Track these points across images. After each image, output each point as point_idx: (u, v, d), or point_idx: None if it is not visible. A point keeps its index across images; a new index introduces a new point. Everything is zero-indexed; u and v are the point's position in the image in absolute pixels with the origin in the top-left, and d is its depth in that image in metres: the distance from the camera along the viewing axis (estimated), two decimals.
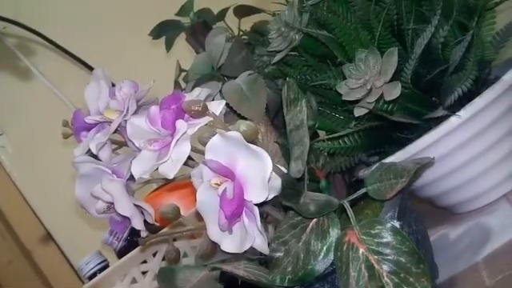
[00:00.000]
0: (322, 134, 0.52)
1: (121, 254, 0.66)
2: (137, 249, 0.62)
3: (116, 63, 0.96)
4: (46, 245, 1.03)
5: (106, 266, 0.69)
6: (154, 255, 0.62)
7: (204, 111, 0.36)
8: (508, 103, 0.41)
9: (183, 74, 0.64)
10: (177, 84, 0.63)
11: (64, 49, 0.98)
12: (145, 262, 0.62)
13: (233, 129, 0.35)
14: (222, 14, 0.64)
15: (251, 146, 0.34)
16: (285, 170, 0.38)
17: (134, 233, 0.69)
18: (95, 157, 0.45)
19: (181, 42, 0.69)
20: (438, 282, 0.37)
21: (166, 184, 0.74)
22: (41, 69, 1.00)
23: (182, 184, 0.71)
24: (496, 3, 0.44)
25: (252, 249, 0.37)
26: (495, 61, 0.46)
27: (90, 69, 0.98)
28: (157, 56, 0.84)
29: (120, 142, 0.48)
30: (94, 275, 0.68)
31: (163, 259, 0.63)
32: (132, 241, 0.67)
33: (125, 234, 0.66)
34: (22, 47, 0.98)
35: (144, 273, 0.62)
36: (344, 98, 0.40)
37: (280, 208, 0.41)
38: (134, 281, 0.61)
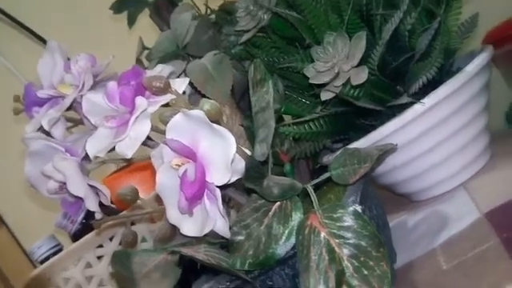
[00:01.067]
0: (287, 118, 0.51)
1: (76, 237, 0.63)
2: (92, 232, 0.59)
3: (74, 39, 0.92)
4: None
5: (60, 251, 0.67)
6: (111, 239, 0.60)
7: (166, 88, 0.34)
8: (469, 94, 0.42)
9: (146, 52, 0.62)
10: (139, 62, 0.61)
11: (18, 21, 0.93)
12: (101, 246, 0.60)
13: (196, 108, 0.33)
14: None
15: (215, 125, 0.33)
16: (249, 153, 0.37)
17: (90, 216, 0.67)
18: (48, 134, 0.43)
19: (144, 18, 0.66)
20: (396, 267, 0.38)
21: (126, 166, 0.71)
22: None
23: (142, 166, 0.69)
24: None
25: (213, 233, 0.36)
26: (458, 52, 0.47)
27: (46, 43, 0.94)
28: (118, 32, 0.81)
29: (75, 120, 0.45)
30: (46, 259, 0.66)
31: (120, 243, 0.61)
32: (87, 224, 0.64)
33: (80, 217, 0.64)
34: None
35: (99, 257, 0.60)
36: (311, 81, 0.40)
37: (243, 192, 0.40)
38: (88, 265, 0.59)
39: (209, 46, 0.53)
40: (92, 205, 0.37)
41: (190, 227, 0.35)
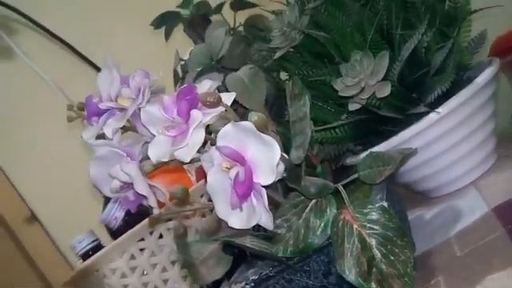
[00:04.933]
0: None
1: (117, 233, 0.69)
2: (135, 227, 0.65)
3: (104, 48, 0.98)
4: (30, 225, 1.04)
5: (99, 245, 0.73)
6: (151, 234, 0.66)
7: (218, 102, 0.40)
8: (479, 102, 0.47)
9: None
10: (175, 73, 0.67)
11: (47, 29, 0.99)
12: (142, 239, 0.66)
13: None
14: (220, 7, 0.67)
15: (262, 134, 0.38)
16: (286, 157, 0.42)
17: (130, 214, 0.73)
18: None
19: (177, 31, 0.72)
20: (415, 255, 0.43)
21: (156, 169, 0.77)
22: (23, 48, 1.00)
23: (171, 169, 0.75)
24: (471, 12, 0.50)
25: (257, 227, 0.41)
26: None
27: (74, 50, 0.99)
28: (142, 42, 0.87)
29: (126, 128, 0.51)
30: (86, 253, 0.71)
31: (159, 237, 0.67)
32: (129, 221, 0.70)
33: (122, 214, 0.70)
34: (3, 26, 0.98)
35: (142, 250, 0.66)
36: (340, 94, 0.45)
37: (278, 191, 0.46)
38: (132, 257, 0.65)
39: (241, 59, 0.59)
40: (153, 202, 0.43)
41: (237, 221, 0.41)
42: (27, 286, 0.99)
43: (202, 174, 0.73)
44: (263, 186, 0.40)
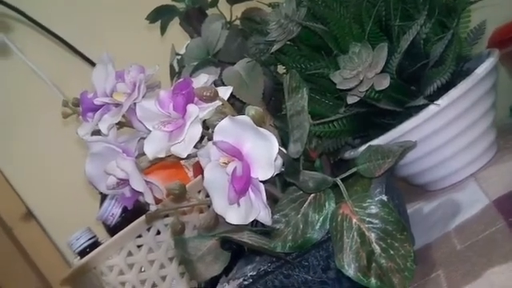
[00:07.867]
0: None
1: (115, 229, 0.69)
2: (132, 224, 0.65)
3: (100, 44, 0.97)
4: (27, 222, 1.03)
5: (96, 242, 0.72)
6: (148, 230, 0.66)
7: (215, 96, 0.40)
8: (479, 94, 0.47)
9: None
10: (171, 67, 0.66)
11: (42, 25, 0.98)
12: (140, 236, 0.65)
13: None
14: (216, 1, 0.66)
15: (260, 129, 0.38)
16: (284, 151, 0.42)
17: (127, 210, 0.72)
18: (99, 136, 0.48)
19: (172, 26, 0.71)
20: (415, 248, 0.43)
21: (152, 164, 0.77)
22: (18, 45, 0.99)
23: (167, 165, 0.74)
24: (470, 2, 0.49)
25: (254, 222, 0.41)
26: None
27: (70, 46, 0.98)
28: (138, 37, 0.86)
29: (122, 123, 0.50)
30: (83, 250, 0.71)
31: (157, 233, 0.66)
32: (126, 217, 0.70)
33: (119, 211, 0.69)
34: None
35: (139, 246, 0.65)
36: (338, 87, 0.45)
37: (276, 186, 0.45)
38: (129, 254, 0.65)
39: (238, 53, 0.58)
40: (150, 198, 0.43)
41: (235, 216, 0.41)
42: (24, 283, 0.98)
43: (199, 170, 0.72)
44: (261, 181, 0.39)
